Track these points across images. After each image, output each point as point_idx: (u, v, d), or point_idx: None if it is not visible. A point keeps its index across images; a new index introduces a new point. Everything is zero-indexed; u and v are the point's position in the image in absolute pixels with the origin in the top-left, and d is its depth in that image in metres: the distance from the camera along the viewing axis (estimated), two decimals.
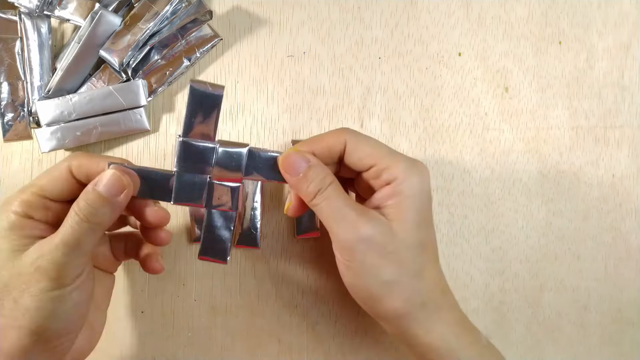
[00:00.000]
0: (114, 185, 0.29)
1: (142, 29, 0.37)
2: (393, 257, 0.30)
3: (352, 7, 0.41)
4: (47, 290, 0.27)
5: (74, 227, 0.28)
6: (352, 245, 0.29)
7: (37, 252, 0.27)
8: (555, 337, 0.42)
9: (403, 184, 0.30)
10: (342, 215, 0.30)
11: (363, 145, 0.31)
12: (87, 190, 0.29)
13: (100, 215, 0.28)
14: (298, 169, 0.30)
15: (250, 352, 0.39)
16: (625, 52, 0.44)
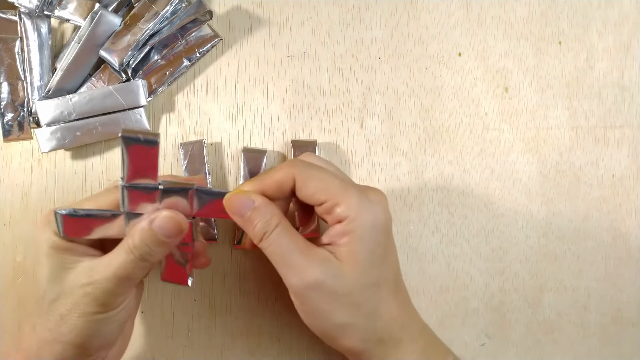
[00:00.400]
0: (169, 227, 0.29)
1: (142, 29, 0.37)
2: (344, 300, 0.29)
3: (352, 7, 0.41)
4: (94, 314, 0.28)
5: (127, 262, 0.29)
6: (302, 292, 0.29)
7: (88, 278, 0.28)
8: (555, 337, 0.42)
9: (354, 222, 0.29)
10: (289, 261, 0.29)
11: (312, 180, 0.30)
12: (144, 229, 0.29)
13: (154, 255, 0.29)
14: (242, 211, 0.29)
15: (250, 352, 0.39)
16: (625, 52, 0.44)
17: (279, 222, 0.29)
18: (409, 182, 0.41)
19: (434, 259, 0.41)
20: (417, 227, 0.41)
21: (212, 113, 0.40)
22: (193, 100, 0.40)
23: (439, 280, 0.41)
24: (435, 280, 0.41)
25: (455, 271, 0.41)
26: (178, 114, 0.40)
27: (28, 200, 0.39)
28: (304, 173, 0.30)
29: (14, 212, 0.38)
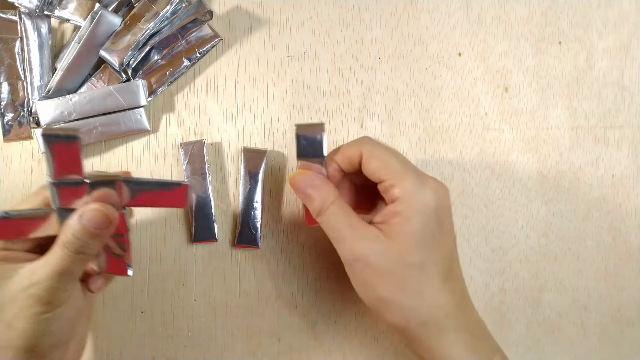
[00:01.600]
0: (98, 219, 0.30)
1: (142, 29, 0.37)
2: (388, 276, 0.30)
3: (352, 7, 0.41)
4: (40, 314, 0.28)
5: (64, 258, 0.29)
6: (350, 263, 0.31)
7: (29, 280, 0.29)
8: (555, 337, 0.42)
9: (404, 204, 0.30)
10: (341, 236, 0.31)
11: (375, 159, 0.32)
12: (73, 223, 0.29)
13: (89, 247, 0.30)
14: (304, 189, 0.33)
15: (250, 352, 0.39)
16: (625, 52, 0.44)
17: (335, 200, 0.32)
18: None
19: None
20: None
21: (212, 113, 0.40)
22: (193, 100, 0.40)
23: None
24: None
25: None
26: (178, 114, 0.40)
27: None
28: (369, 150, 0.32)
29: None
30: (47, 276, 0.28)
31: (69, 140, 0.28)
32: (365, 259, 0.31)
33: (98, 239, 0.30)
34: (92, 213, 0.30)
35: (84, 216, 0.29)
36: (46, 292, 0.28)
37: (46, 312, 0.29)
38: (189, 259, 0.39)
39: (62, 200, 0.29)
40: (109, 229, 0.30)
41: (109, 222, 0.30)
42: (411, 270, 0.30)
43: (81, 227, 0.29)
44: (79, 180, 0.29)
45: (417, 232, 0.30)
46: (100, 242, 0.30)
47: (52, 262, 0.29)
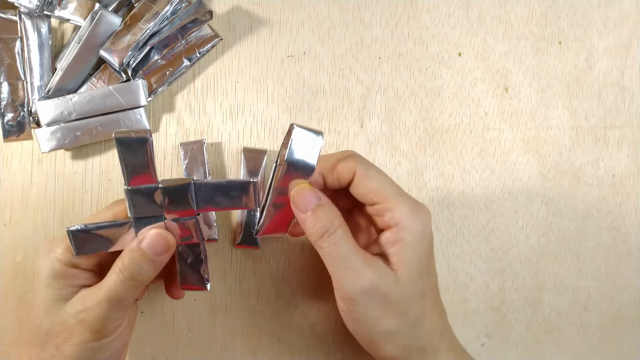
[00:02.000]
0: (158, 244, 0.30)
1: (142, 29, 0.37)
2: (395, 308, 0.29)
3: (352, 7, 0.41)
4: (88, 342, 0.29)
5: (117, 284, 0.29)
6: (356, 297, 0.29)
7: (81, 305, 0.29)
8: (555, 337, 0.42)
9: (405, 230, 0.29)
10: (348, 264, 0.29)
11: (370, 180, 0.30)
12: (132, 248, 0.30)
13: (144, 273, 0.29)
14: (307, 206, 0.29)
15: (250, 352, 0.39)
16: (625, 52, 0.44)
17: (342, 224, 0.29)
18: (409, 182, 0.41)
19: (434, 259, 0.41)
20: None
21: (212, 113, 0.40)
22: (193, 100, 0.40)
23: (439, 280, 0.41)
24: None
25: (455, 271, 0.41)
26: (178, 114, 0.40)
27: (28, 200, 0.39)
28: (364, 170, 0.30)
29: (14, 212, 0.38)
30: (99, 302, 0.29)
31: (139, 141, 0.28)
32: (374, 291, 0.29)
33: (154, 266, 0.30)
34: (151, 238, 0.30)
35: (143, 241, 0.30)
36: (96, 320, 0.28)
37: (94, 340, 0.29)
38: None
39: (138, 208, 0.29)
40: (166, 256, 0.30)
41: (168, 248, 0.30)
42: (415, 299, 0.30)
43: (139, 253, 0.29)
44: (154, 187, 0.29)
45: (420, 260, 0.30)
46: (156, 269, 0.30)
47: (105, 287, 0.29)
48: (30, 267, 0.38)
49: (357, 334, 0.31)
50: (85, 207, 0.39)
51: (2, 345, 0.38)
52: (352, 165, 0.31)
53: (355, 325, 0.30)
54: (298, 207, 0.29)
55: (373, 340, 0.30)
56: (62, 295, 0.29)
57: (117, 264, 0.29)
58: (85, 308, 0.28)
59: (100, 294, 0.29)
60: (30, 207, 0.39)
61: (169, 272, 0.34)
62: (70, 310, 0.29)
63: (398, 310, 0.29)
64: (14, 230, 0.38)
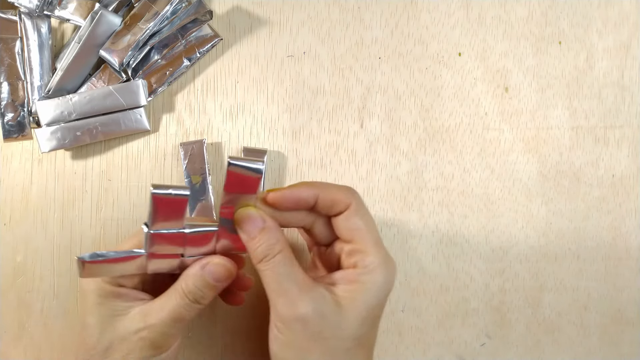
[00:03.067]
0: (221, 273, 0.31)
1: (142, 29, 0.37)
2: (324, 344, 0.28)
3: (352, 7, 0.41)
4: (150, 357, 0.29)
5: (181, 305, 0.30)
6: (288, 323, 0.28)
7: (143, 323, 0.29)
8: (555, 337, 0.42)
9: (368, 275, 0.29)
10: (283, 289, 0.29)
11: (359, 218, 0.30)
12: (196, 275, 0.30)
13: (206, 297, 0.31)
14: (250, 231, 0.30)
15: (251, 352, 0.39)
16: (625, 52, 0.44)
17: (282, 249, 0.29)
18: (409, 182, 0.41)
19: (434, 259, 0.41)
20: (417, 227, 0.41)
21: (212, 113, 0.40)
22: (193, 100, 0.40)
23: (439, 280, 0.41)
24: (435, 280, 0.41)
25: (455, 271, 0.41)
26: (178, 114, 0.40)
27: (28, 200, 0.39)
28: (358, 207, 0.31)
29: (14, 212, 0.38)
30: (162, 321, 0.29)
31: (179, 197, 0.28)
32: (307, 321, 0.28)
33: (215, 291, 0.31)
34: (215, 267, 0.30)
35: (206, 268, 0.30)
36: (159, 337, 0.29)
37: (155, 355, 0.29)
38: None
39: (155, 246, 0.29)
40: (227, 282, 0.31)
41: (230, 276, 0.31)
42: (348, 344, 0.29)
43: (202, 279, 0.30)
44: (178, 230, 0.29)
45: (371, 308, 0.29)
46: (215, 293, 0.31)
47: (169, 307, 0.30)
48: (30, 267, 0.38)
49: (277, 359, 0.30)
50: (85, 207, 0.39)
51: (2, 345, 0.38)
52: (349, 198, 0.31)
53: (280, 350, 0.29)
54: (242, 229, 0.30)
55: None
56: (117, 311, 0.30)
57: (180, 286, 0.30)
58: (148, 326, 0.29)
59: (164, 313, 0.30)
60: (30, 207, 0.39)
61: None
62: (131, 327, 0.29)
63: (327, 347, 0.28)
64: (14, 230, 0.38)
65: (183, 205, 0.28)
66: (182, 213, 0.29)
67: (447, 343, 0.41)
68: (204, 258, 0.31)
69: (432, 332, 0.33)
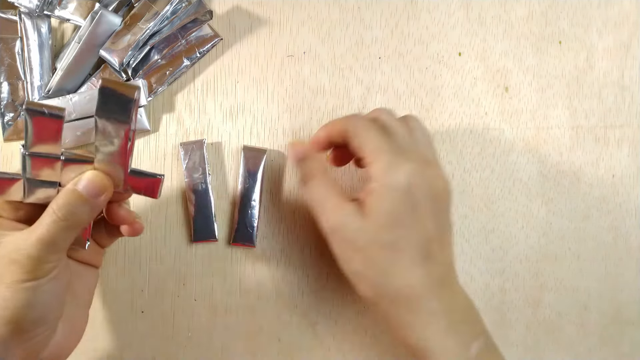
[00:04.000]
0: (95, 186, 0.29)
1: (142, 28, 0.37)
2: (361, 252, 0.31)
3: (352, 7, 0.41)
4: (21, 282, 0.28)
5: (50, 225, 0.28)
6: (328, 234, 0.33)
7: (12, 246, 0.28)
8: (555, 337, 0.42)
9: (376, 182, 0.31)
10: (320, 208, 0.33)
11: (357, 137, 0.33)
12: (67, 189, 0.29)
13: (78, 215, 0.29)
14: (293, 159, 0.35)
15: (250, 352, 0.39)
16: (625, 52, 0.44)
17: (317, 174, 0.34)
18: None
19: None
20: None
21: (212, 113, 0.40)
22: (193, 100, 0.40)
23: None
24: None
25: None
26: (178, 114, 0.40)
27: None
28: (353, 129, 0.33)
29: None
30: (31, 244, 0.28)
31: (53, 117, 0.28)
32: (340, 231, 0.32)
33: (90, 207, 0.29)
34: (87, 179, 0.29)
35: (79, 183, 0.29)
36: (27, 260, 0.28)
37: (27, 280, 0.28)
38: (189, 259, 0.39)
39: (33, 170, 0.29)
40: (103, 198, 0.29)
41: (105, 189, 0.29)
42: (383, 249, 0.31)
43: (75, 194, 0.29)
44: (55, 155, 0.29)
45: (389, 211, 0.31)
46: (92, 212, 0.30)
47: (38, 230, 0.28)
48: None
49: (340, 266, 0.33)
50: None
51: None
52: (344, 125, 0.34)
53: (337, 258, 0.33)
54: (291, 158, 0.35)
55: (349, 275, 0.33)
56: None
57: (51, 205, 0.29)
58: (17, 248, 0.28)
59: (33, 236, 0.28)
60: None
61: None
62: (1, 252, 0.28)
63: (365, 256, 0.31)
64: None
65: (58, 126, 0.28)
66: (57, 135, 0.28)
67: None
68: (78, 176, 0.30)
69: None
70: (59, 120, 0.28)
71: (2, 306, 0.27)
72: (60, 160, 0.29)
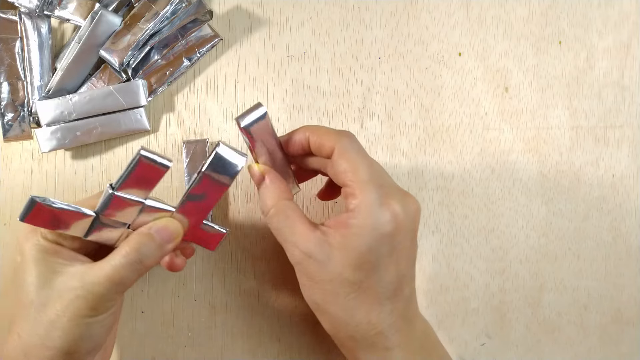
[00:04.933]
0: (169, 233, 0.30)
1: (142, 29, 0.37)
2: (323, 285, 0.29)
3: (352, 7, 0.41)
4: (84, 317, 0.28)
5: (122, 265, 0.29)
6: (295, 263, 0.30)
7: (80, 281, 0.29)
8: (555, 337, 0.42)
9: (357, 219, 0.29)
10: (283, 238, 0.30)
11: (345, 160, 0.30)
12: (142, 232, 0.30)
13: (150, 258, 0.30)
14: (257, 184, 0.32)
15: (251, 352, 0.39)
16: (625, 52, 0.44)
17: (278, 202, 0.31)
18: (409, 182, 0.41)
19: (434, 259, 0.41)
20: None
21: (212, 113, 0.40)
22: (193, 100, 0.40)
23: (439, 280, 0.41)
24: (435, 280, 0.41)
25: (455, 271, 0.41)
26: (178, 114, 0.40)
27: None
28: (342, 149, 0.30)
29: (14, 212, 0.38)
30: (100, 282, 0.28)
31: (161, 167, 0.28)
32: (306, 261, 0.29)
33: (160, 252, 0.30)
34: (162, 224, 0.30)
35: (153, 227, 0.30)
36: (95, 297, 0.28)
37: (90, 316, 0.28)
38: (189, 258, 0.39)
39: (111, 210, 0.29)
40: (173, 244, 0.31)
41: (177, 235, 0.31)
42: (346, 286, 0.29)
43: (148, 236, 0.30)
44: (140, 200, 0.29)
45: (362, 253, 0.29)
46: (162, 255, 0.31)
47: (108, 268, 0.29)
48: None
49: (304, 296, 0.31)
50: None
51: None
52: (334, 141, 0.30)
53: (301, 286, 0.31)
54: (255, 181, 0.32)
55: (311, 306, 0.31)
56: (55, 268, 0.29)
57: (123, 246, 0.29)
58: (85, 284, 0.28)
59: (102, 273, 0.29)
60: None
61: None
62: (67, 285, 0.28)
63: (327, 289, 0.29)
64: (14, 230, 0.38)
65: (160, 175, 0.29)
66: (155, 183, 0.29)
67: (447, 343, 0.41)
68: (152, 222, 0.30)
69: None
70: (163, 170, 0.28)
71: (62, 338, 0.28)
72: (142, 204, 0.30)
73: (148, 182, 0.29)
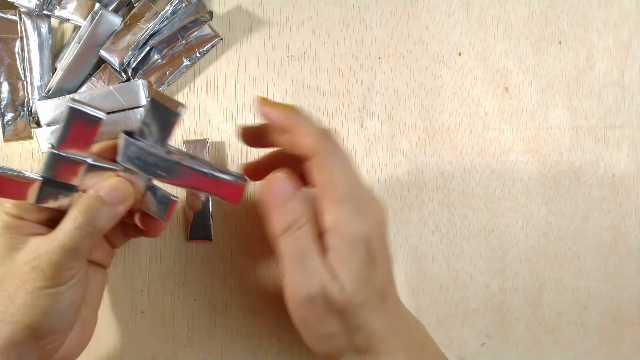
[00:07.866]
0: (118, 193, 0.29)
1: (142, 28, 0.37)
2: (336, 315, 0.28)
3: (352, 7, 0.41)
4: (42, 288, 0.27)
5: (72, 231, 0.28)
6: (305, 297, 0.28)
7: (34, 252, 0.28)
8: (555, 337, 0.42)
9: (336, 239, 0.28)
10: (302, 266, 0.28)
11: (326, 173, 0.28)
12: (90, 195, 0.29)
13: (101, 219, 0.29)
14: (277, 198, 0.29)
15: (250, 352, 0.39)
16: (625, 52, 0.44)
17: (308, 222, 0.28)
18: (409, 182, 0.41)
19: (434, 259, 0.41)
20: (417, 227, 0.41)
21: (212, 113, 0.40)
22: (193, 100, 0.40)
23: (439, 280, 0.41)
24: (435, 280, 0.41)
25: (455, 271, 0.41)
26: None
27: None
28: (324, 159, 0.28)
29: None
30: (52, 250, 0.28)
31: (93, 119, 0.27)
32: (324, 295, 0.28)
33: (111, 213, 0.29)
34: (111, 185, 0.29)
35: (102, 188, 0.29)
36: (49, 267, 0.27)
37: (48, 287, 0.27)
38: (189, 258, 0.39)
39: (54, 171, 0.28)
40: (124, 205, 0.29)
41: (127, 196, 0.29)
42: (357, 309, 0.28)
43: (97, 199, 0.29)
44: (82, 159, 0.29)
45: (356, 271, 0.28)
46: (114, 218, 0.29)
47: (60, 235, 0.28)
48: None
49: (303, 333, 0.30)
50: None
51: None
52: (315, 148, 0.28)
53: (301, 324, 0.30)
54: (268, 197, 0.29)
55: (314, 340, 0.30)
56: (14, 243, 0.28)
57: (72, 210, 0.29)
58: (38, 254, 0.28)
59: (55, 242, 0.28)
60: None
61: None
62: (23, 258, 0.28)
63: (340, 317, 0.28)
64: None
65: (95, 128, 0.28)
66: (92, 137, 0.28)
67: (447, 343, 0.41)
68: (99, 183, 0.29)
69: (432, 332, 0.33)
70: (98, 122, 0.28)
71: (22, 312, 0.27)
72: (86, 164, 0.29)
73: (85, 137, 0.28)
